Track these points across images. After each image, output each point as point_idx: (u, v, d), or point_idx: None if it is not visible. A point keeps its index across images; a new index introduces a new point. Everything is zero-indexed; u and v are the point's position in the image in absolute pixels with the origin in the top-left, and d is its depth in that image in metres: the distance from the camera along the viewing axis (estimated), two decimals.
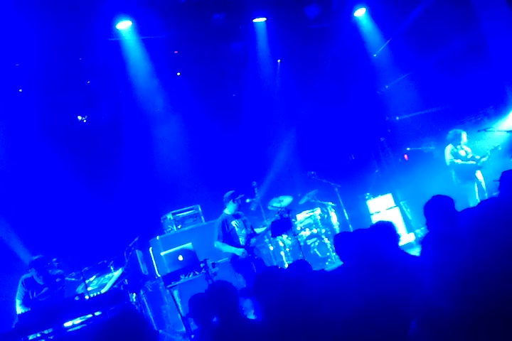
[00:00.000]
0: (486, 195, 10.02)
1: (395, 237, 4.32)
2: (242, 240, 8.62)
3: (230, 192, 8.75)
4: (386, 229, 4.37)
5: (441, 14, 11.42)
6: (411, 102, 12.71)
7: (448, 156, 10.31)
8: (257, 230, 9.02)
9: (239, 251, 8.43)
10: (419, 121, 12.70)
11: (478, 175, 10.25)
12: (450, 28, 11.39)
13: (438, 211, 4.48)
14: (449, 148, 10.31)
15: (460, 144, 10.28)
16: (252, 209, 10.15)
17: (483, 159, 10.05)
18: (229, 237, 8.55)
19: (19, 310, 7.09)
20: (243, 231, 8.67)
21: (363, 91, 13.27)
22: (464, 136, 10.28)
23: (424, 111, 12.52)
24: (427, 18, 11.53)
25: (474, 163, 10.15)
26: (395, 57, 12.48)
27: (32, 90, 9.58)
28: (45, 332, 5.98)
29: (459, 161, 10.21)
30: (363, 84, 13.19)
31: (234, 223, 8.65)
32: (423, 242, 3.11)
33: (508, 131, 10.21)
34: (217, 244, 8.57)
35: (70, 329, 6.08)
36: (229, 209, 8.72)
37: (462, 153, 10.28)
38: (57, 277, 7.38)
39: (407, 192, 12.22)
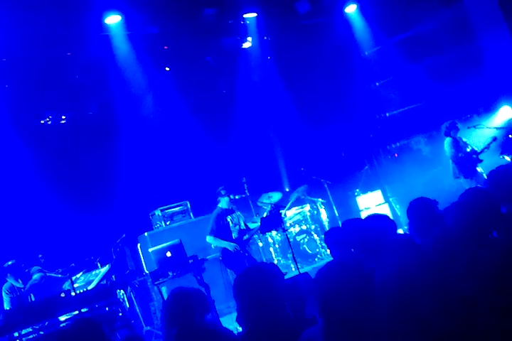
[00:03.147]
0: None
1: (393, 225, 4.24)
2: (234, 235, 8.65)
3: (224, 187, 8.76)
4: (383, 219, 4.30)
5: (436, 20, 11.44)
6: (400, 99, 12.72)
7: (449, 149, 9.80)
8: (251, 225, 9.01)
9: (231, 246, 8.46)
10: (408, 117, 12.70)
11: (479, 169, 9.76)
12: (444, 34, 11.41)
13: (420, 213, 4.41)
14: (448, 140, 9.87)
15: (457, 134, 9.83)
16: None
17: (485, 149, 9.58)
18: (222, 232, 8.57)
19: None
20: (236, 227, 8.70)
21: (354, 87, 13.25)
22: (457, 125, 9.88)
23: (413, 106, 12.50)
24: (423, 23, 11.56)
25: (474, 156, 9.67)
26: (386, 57, 12.48)
27: (19, 85, 9.48)
28: (31, 328, 5.91)
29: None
30: (354, 80, 13.17)
31: (228, 218, 8.67)
32: None
33: (497, 128, 10.23)
34: (209, 238, 8.58)
35: (56, 326, 6.02)
36: (222, 204, 8.74)
37: (463, 144, 9.82)
38: (37, 273, 7.33)
39: (397, 188, 12.24)
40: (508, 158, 10.13)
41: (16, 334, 5.89)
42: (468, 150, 9.80)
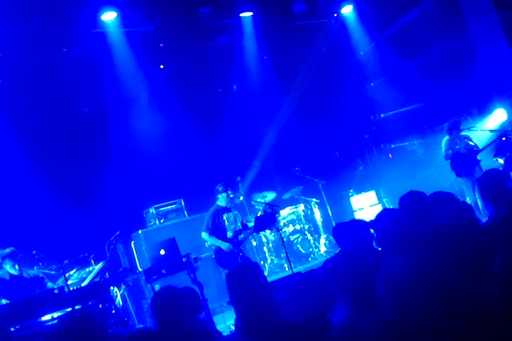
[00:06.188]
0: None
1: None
2: (229, 234, 8.57)
3: (222, 184, 8.69)
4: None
5: (429, 19, 11.47)
6: (395, 100, 12.75)
7: (443, 148, 9.79)
8: (249, 224, 8.91)
9: (224, 245, 8.37)
10: (403, 118, 12.74)
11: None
12: (438, 33, 11.46)
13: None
14: (445, 139, 9.85)
15: (458, 134, 9.78)
16: (237, 202, 10.07)
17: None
18: (217, 229, 8.48)
19: None
20: (232, 226, 8.61)
21: (349, 88, 13.28)
22: (461, 125, 9.83)
23: (408, 108, 12.54)
24: (416, 22, 11.58)
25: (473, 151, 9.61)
26: (381, 57, 12.51)
27: (12, 81, 9.43)
28: (23, 325, 5.87)
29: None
30: (349, 81, 13.20)
31: (225, 216, 8.59)
32: None
33: (491, 131, 10.27)
34: (204, 235, 8.50)
35: (49, 323, 5.98)
36: (221, 202, 8.65)
37: (460, 143, 9.73)
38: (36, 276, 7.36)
39: (390, 189, 12.27)
40: (501, 161, 10.18)
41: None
42: (463, 151, 9.74)
